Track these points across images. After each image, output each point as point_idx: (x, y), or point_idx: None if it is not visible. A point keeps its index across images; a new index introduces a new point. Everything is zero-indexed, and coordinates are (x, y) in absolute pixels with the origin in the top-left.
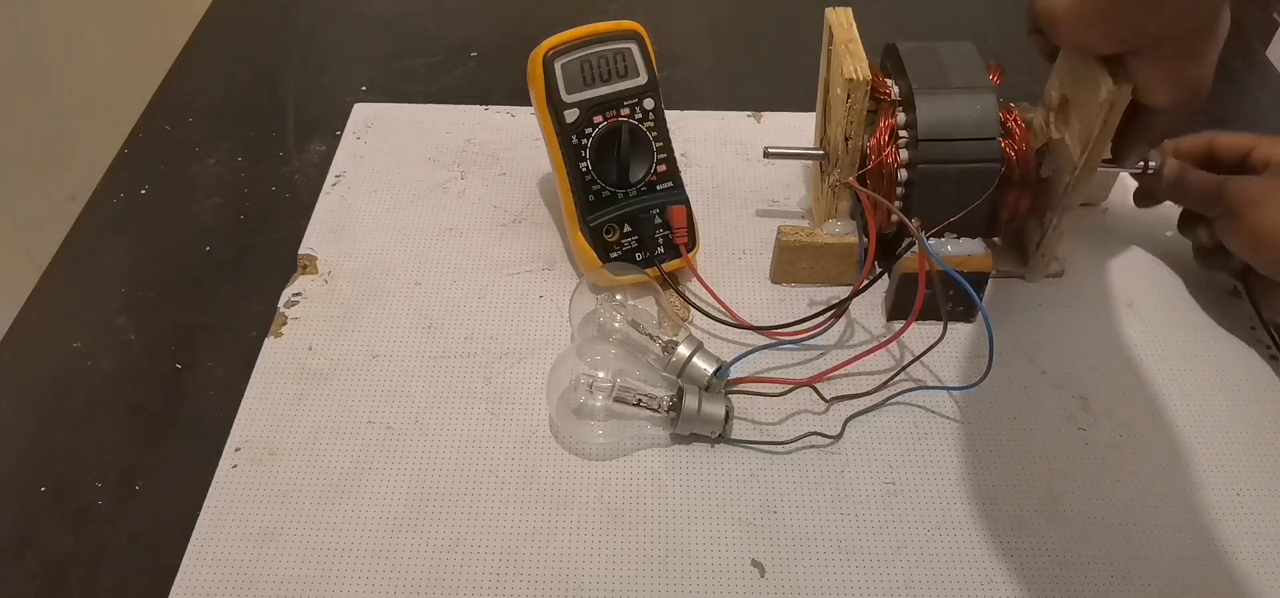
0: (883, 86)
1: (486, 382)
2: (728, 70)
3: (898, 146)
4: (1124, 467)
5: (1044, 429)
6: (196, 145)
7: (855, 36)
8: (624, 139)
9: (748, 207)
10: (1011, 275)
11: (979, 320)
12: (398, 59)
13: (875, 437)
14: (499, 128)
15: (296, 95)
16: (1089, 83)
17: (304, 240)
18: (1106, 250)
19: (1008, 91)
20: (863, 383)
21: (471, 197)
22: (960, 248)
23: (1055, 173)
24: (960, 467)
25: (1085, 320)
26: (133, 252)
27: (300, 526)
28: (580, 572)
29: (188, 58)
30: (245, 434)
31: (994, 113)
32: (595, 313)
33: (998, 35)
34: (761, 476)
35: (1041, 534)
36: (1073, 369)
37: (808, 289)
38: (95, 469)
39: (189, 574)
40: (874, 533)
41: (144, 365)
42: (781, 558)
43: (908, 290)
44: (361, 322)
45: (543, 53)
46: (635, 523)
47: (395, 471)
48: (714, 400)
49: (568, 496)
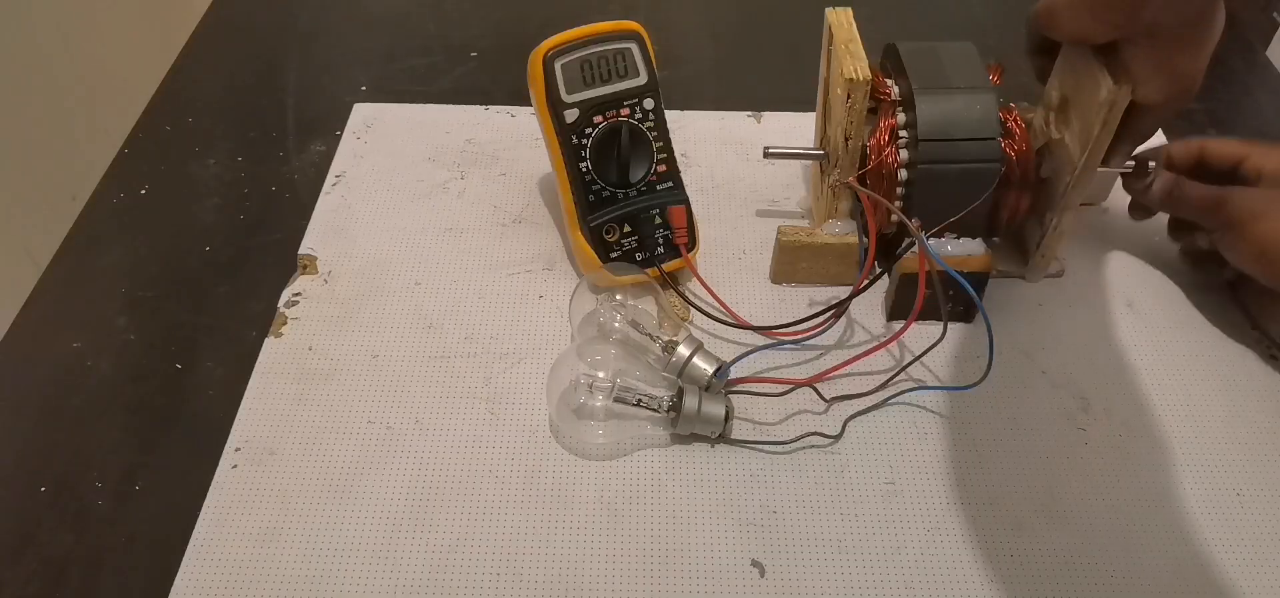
0: (883, 86)
1: (486, 382)
2: (728, 70)
3: (898, 146)
4: (1124, 467)
5: (1044, 429)
6: (196, 145)
7: (855, 36)
8: (624, 139)
9: (748, 207)
10: (1011, 275)
11: (979, 320)
12: (398, 59)
13: (875, 437)
14: (499, 128)
15: (296, 95)
16: (1089, 83)
17: (304, 240)
18: (1106, 250)
19: (1008, 91)
20: (863, 383)
21: (471, 197)
22: (960, 248)
23: (1055, 173)
24: (960, 467)
25: (1085, 320)
26: (133, 252)
27: (300, 526)
28: (580, 572)
29: (188, 58)
30: (245, 434)
31: (994, 113)
32: (595, 313)
33: (998, 35)
34: (761, 476)
35: (1041, 534)
36: (1073, 369)
37: (808, 289)
38: (95, 469)
39: (189, 574)
40: (874, 533)
41: (144, 365)
42: (781, 558)
43: (908, 290)
44: (361, 322)
45: (543, 53)
46: (635, 523)
47: (395, 471)
48: (714, 401)
49: (568, 496)
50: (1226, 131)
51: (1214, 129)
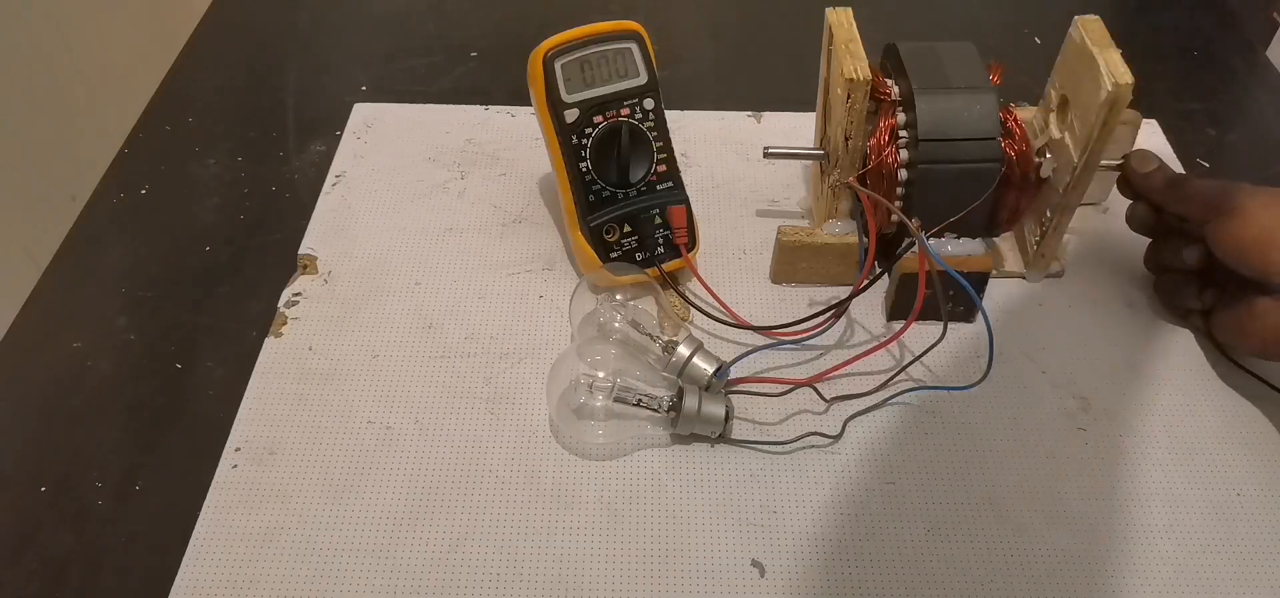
0: (883, 86)
1: (486, 382)
2: (728, 70)
3: (898, 146)
4: (1124, 467)
5: (1044, 429)
6: (196, 145)
7: (855, 36)
8: (624, 139)
9: (748, 207)
10: (1011, 275)
11: (979, 320)
12: (398, 59)
13: (875, 437)
14: (499, 128)
15: (296, 95)
16: (1089, 83)
17: (304, 240)
18: (1106, 250)
19: (1008, 91)
20: (863, 383)
21: (471, 197)
22: (960, 248)
23: (1055, 173)
24: (960, 467)
25: (1085, 320)
26: (133, 252)
27: (300, 526)
28: (580, 572)
29: (188, 58)
30: (245, 434)
31: (994, 113)
32: (595, 313)
33: (998, 35)
34: (761, 476)
35: (1042, 534)
36: (1073, 369)
37: (808, 289)
38: (95, 469)
39: (189, 574)
40: (874, 533)
41: (144, 365)
42: (781, 558)
43: (908, 290)
44: (361, 322)
45: (543, 53)
46: (635, 523)
47: (395, 471)
48: (714, 401)
49: (568, 496)
50: (1225, 131)
51: (1213, 129)
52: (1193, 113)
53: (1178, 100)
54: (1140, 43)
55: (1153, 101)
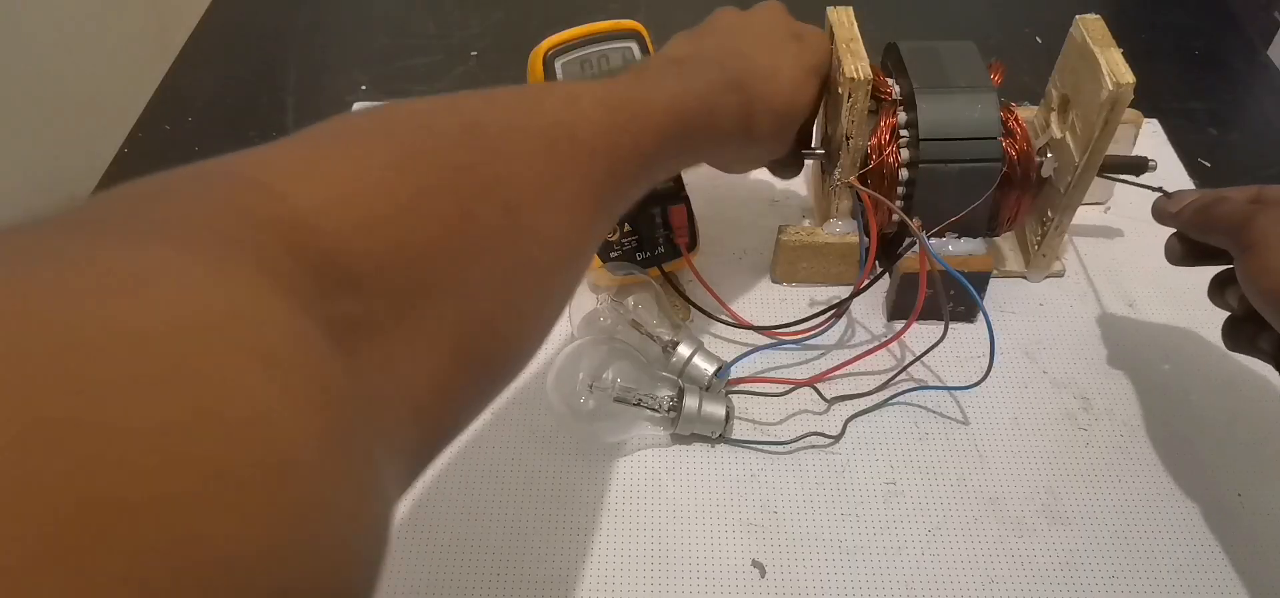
0: (884, 86)
1: None
2: None
3: (899, 146)
4: (1125, 467)
5: (1045, 429)
6: (196, 145)
7: (856, 35)
8: None
9: (748, 206)
10: (1013, 275)
11: (980, 320)
12: (398, 59)
13: (876, 437)
14: None
15: (296, 95)
16: (1090, 82)
17: None
18: (1107, 250)
19: (1008, 91)
20: (863, 383)
21: None
22: (961, 247)
23: (1056, 173)
24: (961, 467)
25: (1086, 320)
26: None
27: None
28: (580, 572)
29: (188, 57)
30: None
31: (995, 112)
32: (596, 313)
33: (999, 34)
34: (762, 476)
35: (1042, 534)
36: (1073, 369)
37: (808, 289)
38: None
39: None
40: (874, 533)
41: None
42: (781, 558)
43: (908, 290)
44: None
45: (542, 52)
46: (635, 523)
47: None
48: (714, 401)
49: (568, 496)
50: (1227, 131)
51: (1214, 129)
52: (1194, 112)
53: (1179, 100)
54: (1142, 42)
55: (1154, 101)
